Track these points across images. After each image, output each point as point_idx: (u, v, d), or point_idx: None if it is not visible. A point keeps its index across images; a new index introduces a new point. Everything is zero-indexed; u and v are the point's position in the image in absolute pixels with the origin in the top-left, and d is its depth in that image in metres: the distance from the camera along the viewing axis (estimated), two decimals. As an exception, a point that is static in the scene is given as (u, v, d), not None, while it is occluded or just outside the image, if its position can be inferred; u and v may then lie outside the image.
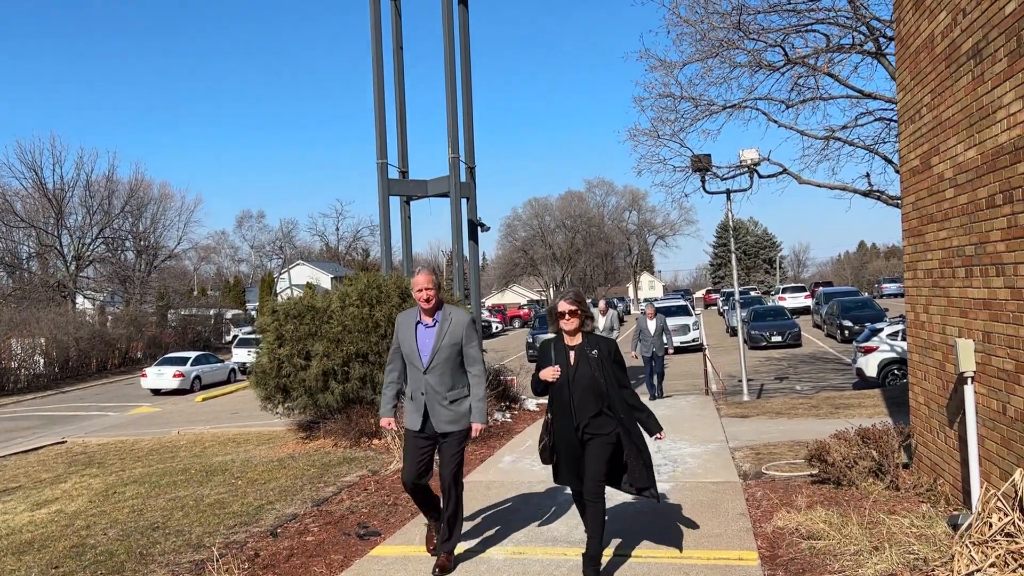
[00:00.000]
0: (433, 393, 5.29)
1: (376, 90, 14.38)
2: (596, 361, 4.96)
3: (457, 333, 5.30)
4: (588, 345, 5.04)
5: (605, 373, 4.94)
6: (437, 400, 5.30)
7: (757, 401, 14.54)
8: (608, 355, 5.02)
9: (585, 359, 5.00)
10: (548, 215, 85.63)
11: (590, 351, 5.00)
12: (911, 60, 6.81)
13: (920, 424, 6.97)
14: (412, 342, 5.35)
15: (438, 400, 5.30)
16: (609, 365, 4.98)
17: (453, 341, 5.28)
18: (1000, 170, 4.98)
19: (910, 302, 7.18)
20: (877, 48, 13.75)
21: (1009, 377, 4.97)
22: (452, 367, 5.31)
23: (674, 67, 15.36)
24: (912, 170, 6.92)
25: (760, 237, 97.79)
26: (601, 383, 4.92)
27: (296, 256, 78.53)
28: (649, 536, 5.95)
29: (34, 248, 49.83)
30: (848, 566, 4.96)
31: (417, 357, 5.32)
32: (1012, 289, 4.88)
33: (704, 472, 8.15)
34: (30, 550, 6.86)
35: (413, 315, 5.46)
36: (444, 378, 5.29)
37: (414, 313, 5.46)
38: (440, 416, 5.29)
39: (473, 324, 5.41)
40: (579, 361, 5.01)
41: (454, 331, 5.30)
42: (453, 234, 14.44)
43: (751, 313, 31.43)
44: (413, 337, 5.35)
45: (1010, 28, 4.74)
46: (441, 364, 5.28)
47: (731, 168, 16.06)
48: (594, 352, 4.99)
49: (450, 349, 5.28)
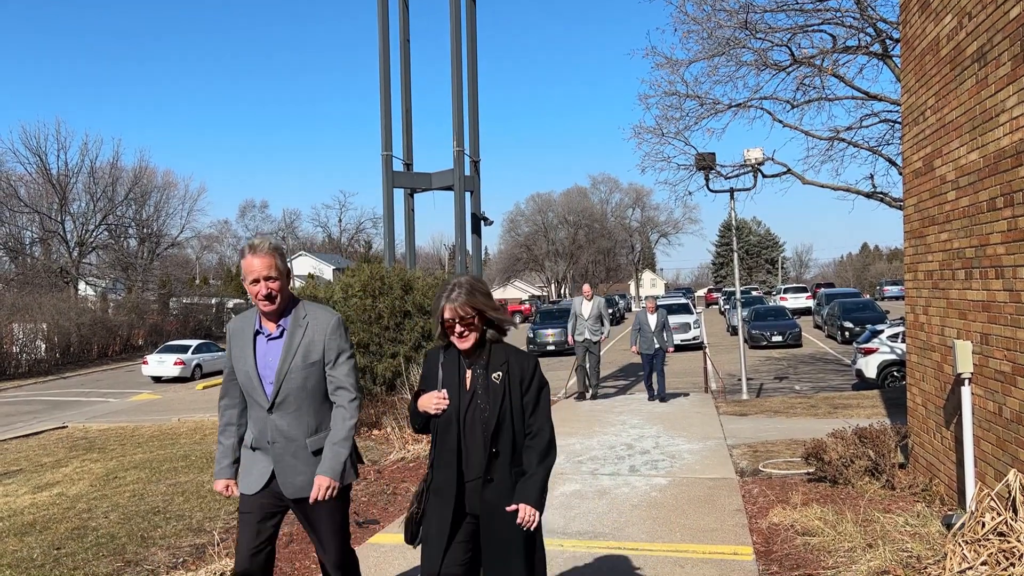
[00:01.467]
0: (286, 441, 3.53)
1: (382, 82, 14.41)
2: (500, 389, 3.24)
3: (316, 346, 3.53)
4: (493, 363, 3.29)
5: (511, 408, 3.24)
6: (292, 452, 3.53)
7: (756, 400, 14.59)
8: (521, 380, 3.27)
9: (485, 385, 3.26)
10: (551, 210, 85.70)
11: (492, 372, 3.27)
12: (916, 62, 6.84)
13: (917, 424, 7.02)
14: (248, 362, 3.55)
15: (293, 452, 3.53)
16: (518, 396, 3.26)
17: (310, 359, 3.51)
18: (1001, 173, 5.01)
19: (910, 303, 7.22)
20: (883, 50, 13.76)
21: (1006, 379, 5.01)
22: (313, 399, 3.55)
23: (680, 65, 15.37)
24: (915, 172, 6.96)
25: (763, 237, 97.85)
26: (505, 423, 3.23)
27: (299, 247, 78.65)
28: (645, 529, 6.01)
29: (37, 234, 49.89)
30: (842, 562, 5.02)
31: (257, 386, 3.53)
32: (1011, 292, 4.92)
33: (702, 468, 8.20)
34: (32, 532, 6.93)
35: (250, 321, 3.62)
36: (301, 417, 3.54)
37: (252, 318, 3.63)
38: (298, 475, 3.53)
39: (343, 329, 3.63)
40: (476, 387, 3.27)
41: (311, 343, 3.53)
42: (456, 227, 14.49)
43: (752, 313, 31.45)
44: (251, 355, 3.55)
45: (1014, 32, 4.78)
46: (295, 395, 3.51)
47: (735, 167, 16.08)
48: (496, 375, 3.25)
49: (305, 372, 3.50)
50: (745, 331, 22.29)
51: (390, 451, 9.52)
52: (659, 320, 14.20)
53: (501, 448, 3.22)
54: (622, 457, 8.87)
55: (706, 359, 16.92)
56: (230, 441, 3.73)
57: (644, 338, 14.14)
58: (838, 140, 15.27)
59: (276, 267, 3.47)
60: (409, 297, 11.85)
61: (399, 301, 11.72)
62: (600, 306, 14.33)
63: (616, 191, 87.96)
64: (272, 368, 3.52)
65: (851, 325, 27.58)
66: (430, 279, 12.83)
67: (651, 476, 7.89)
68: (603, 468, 8.31)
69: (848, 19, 13.93)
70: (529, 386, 3.28)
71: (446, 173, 14.48)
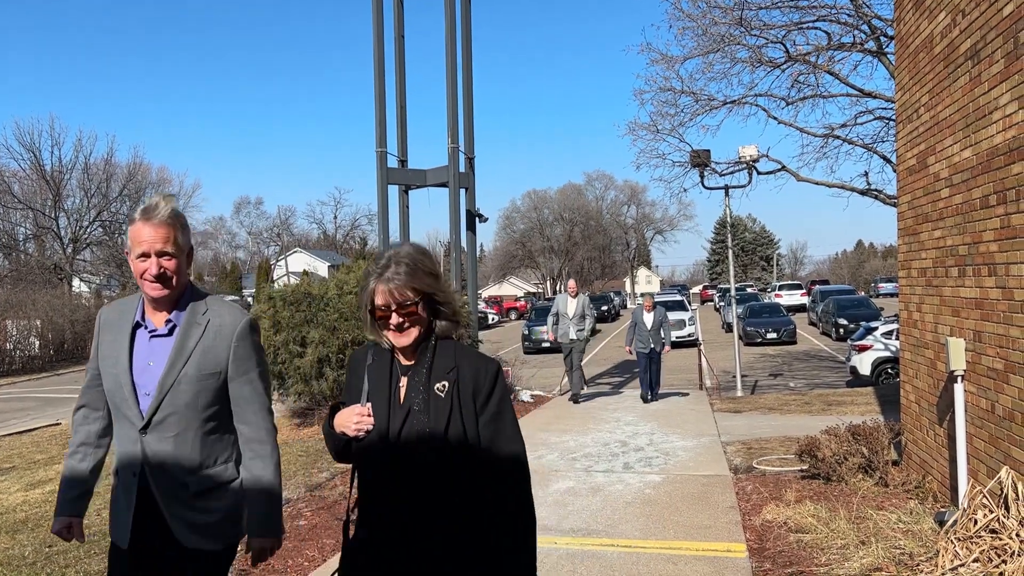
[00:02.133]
0: (163, 473, 2.62)
1: (377, 79, 14.38)
2: (446, 403, 2.28)
3: (217, 353, 2.66)
4: (438, 368, 2.34)
5: (463, 431, 2.27)
6: (171, 487, 2.62)
7: (751, 397, 14.61)
8: (475, 392, 2.31)
9: (426, 398, 2.31)
10: (547, 207, 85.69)
11: (436, 381, 2.32)
12: (910, 60, 6.85)
13: (910, 422, 7.03)
14: (121, 363, 2.66)
15: (173, 488, 2.62)
16: (472, 415, 2.30)
17: (207, 369, 2.64)
18: (995, 171, 5.02)
19: (903, 300, 7.23)
20: (878, 47, 13.77)
21: (998, 376, 5.02)
22: (204, 422, 2.65)
23: (675, 61, 15.37)
24: (909, 169, 6.96)
25: (758, 234, 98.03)
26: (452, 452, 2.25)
27: (293, 243, 78.51)
28: (639, 527, 6.01)
29: (31, 230, 49.74)
30: (834, 559, 5.03)
31: (128, 396, 2.62)
32: (1003, 289, 4.93)
33: (695, 465, 8.21)
34: (24, 529, 6.90)
35: (130, 310, 2.74)
36: (186, 443, 2.63)
37: (132, 306, 2.75)
38: (179, 518, 2.61)
39: (256, 336, 2.78)
40: (412, 400, 2.32)
41: (211, 349, 2.66)
42: (451, 224, 14.47)
43: (747, 310, 31.51)
44: (125, 354, 2.66)
45: (1007, 30, 4.78)
46: (181, 414, 2.62)
47: (730, 164, 16.09)
48: (441, 385, 2.30)
49: (199, 385, 2.62)
50: (740, 328, 22.32)
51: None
52: (656, 318, 13.42)
53: (444, 487, 2.22)
54: (616, 454, 8.87)
55: (701, 356, 16.94)
56: (83, 466, 2.76)
57: (640, 337, 13.41)
58: (833, 137, 15.28)
59: (175, 241, 2.62)
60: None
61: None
62: (585, 304, 13.59)
63: (611, 188, 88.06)
64: (154, 375, 2.62)
65: (845, 322, 27.67)
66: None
67: (645, 473, 7.90)
68: (597, 465, 8.32)
69: (843, 16, 13.94)
70: (487, 401, 2.31)
71: (441, 170, 14.45)
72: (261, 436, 2.73)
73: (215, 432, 2.70)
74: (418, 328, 2.33)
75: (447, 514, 2.22)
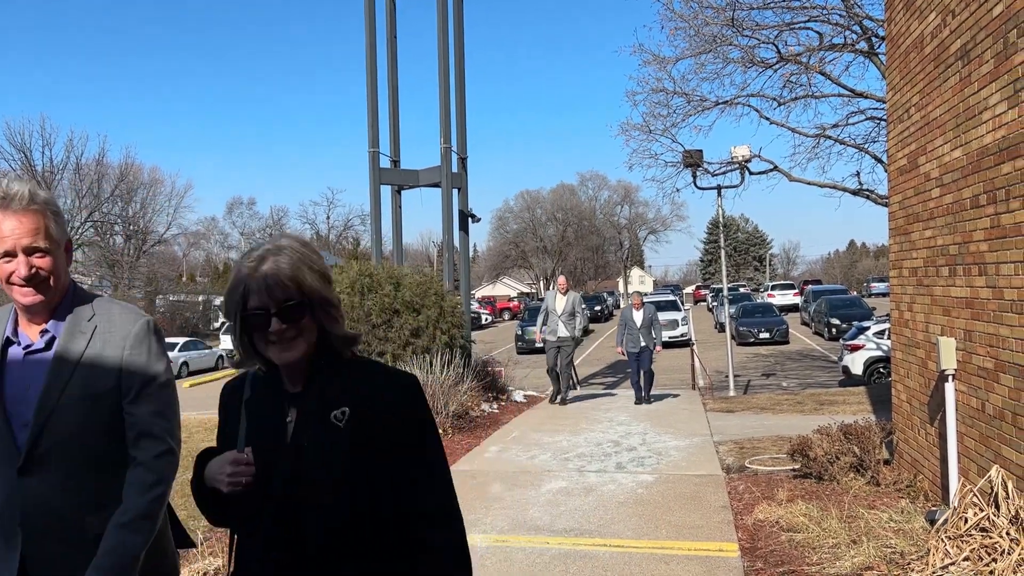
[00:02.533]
0: (48, 520, 2.11)
1: (369, 79, 14.36)
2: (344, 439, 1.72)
3: (107, 366, 2.16)
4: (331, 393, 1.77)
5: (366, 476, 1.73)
6: (58, 537, 2.11)
7: (743, 396, 14.64)
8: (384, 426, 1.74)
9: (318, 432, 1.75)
10: (539, 208, 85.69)
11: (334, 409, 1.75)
12: (901, 60, 6.87)
13: (902, 421, 7.05)
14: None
15: (61, 537, 2.11)
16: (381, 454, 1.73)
17: (96, 387, 2.14)
18: (985, 171, 5.03)
19: (895, 300, 7.26)
20: (869, 47, 13.83)
21: (989, 375, 5.04)
22: (98, 453, 2.15)
23: (667, 62, 15.40)
24: (900, 169, 6.98)
25: (751, 234, 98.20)
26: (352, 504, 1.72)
27: (286, 244, 78.14)
28: (631, 527, 6.02)
29: (22, 231, 49.53)
30: (826, 559, 5.04)
31: (2, 428, 2.11)
32: (993, 289, 4.95)
33: (688, 465, 8.22)
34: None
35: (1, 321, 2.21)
36: (76, 481, 2.12)
37: (2, 319, 2.22)
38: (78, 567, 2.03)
39: (155, 339, 2.26)
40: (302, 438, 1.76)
41: (99, 361, 2.16)
42: (444, 225, 14.46)
43: (739, 309, 31.58)
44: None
45: (997, 30, 4.79)
46: (65, 446, 2.11)
47: (722, 164, 16.12)
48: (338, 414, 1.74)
49: (87, 408, 2.12)
50: (732, 328, 22.36)
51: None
52: (646, 316, 13.09)
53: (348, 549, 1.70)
54: (609, 454, 8.88)
55: (694, 356, 16.96)
56: None
57: (630, 336, 13.09)
58: (824, 137, 15.34)
59: (46, 232, 2.09)
60: (398, 294, 11.82)
61: (388, 299, 11.69)
62: (575, 302, 13.08)
63: (604, 188, 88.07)
64: (29, 401, 2.09)
65: (838, 322, 27.75)
66: (418, 276, 12.79)
67: (638, 473, 7.90)
68: (590, 465, 8.32)
69: (834, 16, 14.00)
70: (403, 430, 1.73)
71: (433, 170, 14.44)
72: (146, 461, 2.12)
73: (112, 466, 2.13)
74: (306, 341, 1.74)
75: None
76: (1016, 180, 4.57)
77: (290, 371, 1.79)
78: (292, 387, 1.81)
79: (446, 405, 10.42)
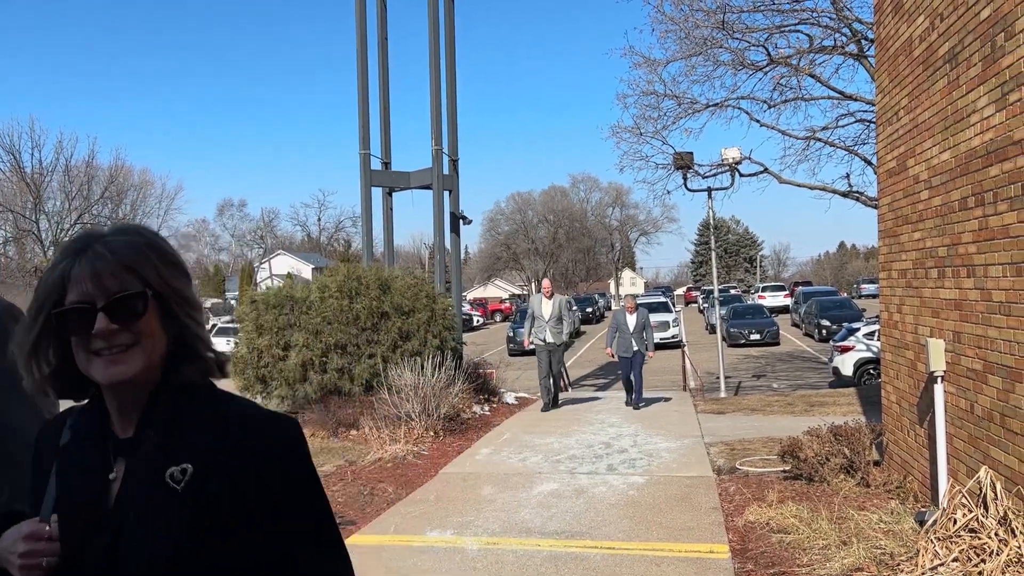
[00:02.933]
0: None
1: (360, 81, 14.35)
2: (189, 504, 1.19)
3: None
4: (178, 438, 1.24)
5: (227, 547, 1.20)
6: None
7: (734, 398, 14.68)
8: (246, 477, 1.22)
9: (148, 496, 1.21)
10: (531, 209, 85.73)
11: (174, 464, 1.21)
12: (890, 63, 6.90)
13: (891, 422, 7.08)
14: None
15: None
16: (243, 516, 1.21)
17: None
18: (973, 173, 5.06)
19: (884, 302, 7.29)
20: (859, 50, 13.89)
21: (977, 376, 5.06)
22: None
23: (658, 65, 15.44)
24: (889, 172, 7.01)
25: (741, 236, 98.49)
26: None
27: (277, 246, 78.10)
28: (622, 528, 6.02)
29: (11, 233, 49.26)
30: (816, 560, 5.05)
31: None
32: (982, 290, 4.97)
33: (679, 467, 8.23)
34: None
35: None
36: None
37: None
38: None
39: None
40: (129, 502, 1.22)
41: None
42: (435, 226, 14.44)
43: (730, 311, 31.66)
44: None
45: (984, 33, 4.82)
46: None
47: (713, 166, 16.17)
48: (177, 471, 1.20)
49: None
50: (723, 329, 22.41)
51: (368, 451, 9.47)
52: (639, 320, 12.70)
53: None
54: (600, 456, 8.88)
55: (685, 357, 17.00)
56: None
57: (622, 340, 12.78)
58: (814, 140, 15.41)
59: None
60: (387, 297, 11.80)
61: (376, 302, 11.67)
62: (562, 305, 12.57)
63: (596, 190, 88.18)
64: None
65: (828, 323, 27.86)
66: (409, 279, 12.78)
67: (629, 475, 7.91)
68: (581, 467, 8.32)
69: (824, 19, 14.06)
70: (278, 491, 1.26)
71: (424, 172, 14.43)
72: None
73: None
74: (146, 353, 1.24)
75: None
76: (1004, 183, 4.59)
77: (121, 403, 1.27)
78: (122, 430, 1.28)
79: (437, 407, 10.39)
